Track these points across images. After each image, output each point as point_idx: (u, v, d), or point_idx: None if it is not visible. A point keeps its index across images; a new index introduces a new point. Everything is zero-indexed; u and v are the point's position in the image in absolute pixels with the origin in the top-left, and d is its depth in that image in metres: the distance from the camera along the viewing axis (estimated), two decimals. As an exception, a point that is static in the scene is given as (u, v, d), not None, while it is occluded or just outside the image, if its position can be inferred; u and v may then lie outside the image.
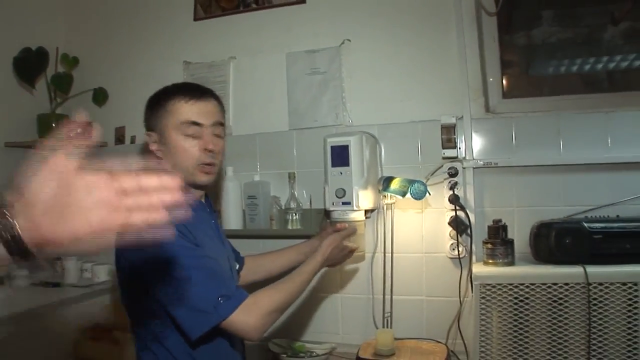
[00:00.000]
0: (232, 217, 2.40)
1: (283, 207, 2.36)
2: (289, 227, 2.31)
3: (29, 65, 2.76)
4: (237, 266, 1.85)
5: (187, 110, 1.50)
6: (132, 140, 2.81)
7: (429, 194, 1.92)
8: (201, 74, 2.60)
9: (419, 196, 1.89)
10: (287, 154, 2.44)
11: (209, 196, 1.72)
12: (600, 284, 1.75)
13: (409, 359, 1.77)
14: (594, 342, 1.75)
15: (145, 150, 1.59)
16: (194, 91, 1.53)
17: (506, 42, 2.27)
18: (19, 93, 2.85)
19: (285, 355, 2.18)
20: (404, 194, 1.90)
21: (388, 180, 2.07)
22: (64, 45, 2.93)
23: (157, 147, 1.52)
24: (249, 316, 1.36)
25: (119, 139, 2.85)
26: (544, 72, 2.33)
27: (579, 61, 2.25)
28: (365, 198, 2.02)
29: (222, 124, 1.59)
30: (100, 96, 2.87)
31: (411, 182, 1.91)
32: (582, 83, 2.23)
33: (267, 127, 2.49)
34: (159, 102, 1.53)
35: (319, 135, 2.18)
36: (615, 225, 1.85)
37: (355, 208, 2.00)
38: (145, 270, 1.37)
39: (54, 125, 2.81)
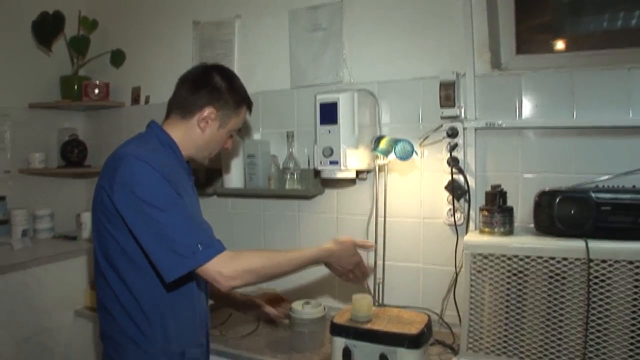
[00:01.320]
0: (233, 176, 2.29)
1: (281, 167, 2.22)
2: (287, 187, 2.17)
3: (46, 28, 2.76)
4: None
5: (245, 120, 1.69)
6: (147, 101, 2.78)
7: (417, 154, 1.72)
8: (209, 33, 2.51)
9: (404, 156, 1.70)
10: (289, 113, 2.30)
11: (189, 162, 1.68)
12: (603, 261, 1.50)
13: (384, 327, 1.60)
14: (592, 323, 1.52)
15: (184, 110, 1.55)
16: (252, 107, 1.69)
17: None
18: (39, 56, 2.87)
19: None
20: (389, 153, 1.71)
21: (378, 139, 1.88)
22: (85, 8, 2.93)
23: (208, 124, 1.56)
24: (224, 267, 1.34)
25: (135, 99, 2.82)
26: (561, 27, 2.03)
27: (602, 16, 1.94)
28: (355, 158, 1.85)
29: None
30: (118, 57, 2.86)
31: (396, 141, 1.71)
32: (601, 39, 1.92)
33: (270, 85, 2.35)
34: (238, 98, 1.60)
35: (314, 96, 2.00)
36: (627, 196, 1.57)
37: (342, 168, 1.83)
38: (129, 212, 1.36)
39: (76, 86, 2.82)
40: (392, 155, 1.74)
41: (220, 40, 2.47)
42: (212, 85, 1.56)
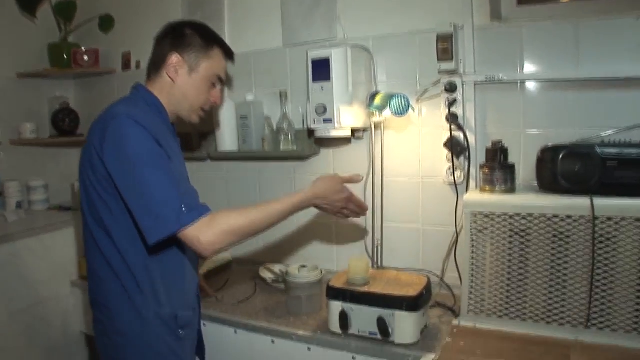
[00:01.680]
0: (227, 139, 2.20)
1: (275, 128, 2.13)
2: (281, 148, 2.08)
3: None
4: None
5: (223, 65, 1.59)
6: (138, 66, 2.67)
7: (413, 109, 1.63)
8: (200, -9, 2.38)
9: (399, 111, 1.61)
10: (281, 73, 2.20)
11: (173, 124, 1.62)
12: (609, 219, 1.43)
13: (382, 289, 1.53)
14: (597, 283, 1.45)
15: (155, 66, 1.52)
16: (231, 52, 1.62)
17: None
18: (25, 24, 2.76)
19: (275, 282, 2.01)
20: (384, 109, 1.62)
21: (373, 95, 1.79)
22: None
23: (177, 72, 1.50)
24: (204, 232, 1.28)
25: (126, 64, 2.72)
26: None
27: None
28: (349, 115, 1.76)
29: None
30: (106, 23, 2.75)
31: (391, 96, 1.62)
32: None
33: (262, 45, 2.24)
34: (205, 41, 1.53)
35: (305, 52, 1.90)
36: (635, 151, 1.46)
37: (337, 126, 1.74)
38: (117, 170, 1.31)
39: (65, 54, 2.72)
40: (387, 112, 1.64)
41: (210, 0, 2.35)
42: (175, 32, 1.53)
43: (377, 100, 1.72)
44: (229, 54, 1.61)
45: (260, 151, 2.14)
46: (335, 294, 1.56)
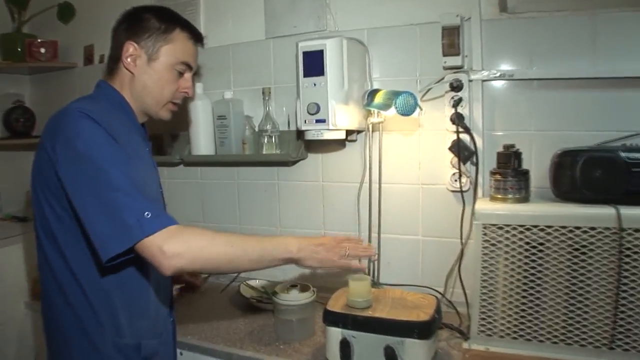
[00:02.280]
0: (202, 141, 1.97)
1: (257, 129, 1.91)
2: (264, 151, 1.87)
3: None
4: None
5: (189, 50, 1.39)
6: (101, 60, 2.42)
7: (420, 109, 1.44)
8: (172, -23, 2.14)
9: (406, 111, 1.42)
10: (264, 68, 1.98)
11: (145, 125, 1.45)
12: (637, 230, 1.29)
13: (388, 313, 1.34)
14: (622, 301, 1.32)
15: (113, 59, 1.36)
16: (197, 34, 1.42)
17: None
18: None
19: (259, 301, 1.79)
20: (388, 108, 1.43)
21: (373, 93, 1.59)
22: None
23: (134, 62, 1.33)
24: (169, 241, 1.07)
25: (88, 58, 2.47)
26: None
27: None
28: (345, 115, 1.56)
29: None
30: (66, 12, 2.49)
31: (397, 93, 1.43)
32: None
33: (242, 37, 2.02)
34: (163, 24, 1.35)
35: (296, 44, 1.68)
36: (662, 156, 1.35)
37: (331, 127, 1.54)
38: (68, 172, 1.13)
39: (19, 47, 2.45)
40: (390, 111, 1.45)
41: (185, -14, 2.11)
42: (130, 18, 1.36)
43: (379, 99, 1.52)
44: (195, 36, 1.41)
45: (241, 155, 1.93)
46: (334, 319, 1.36)
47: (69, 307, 1.21)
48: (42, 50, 2.44)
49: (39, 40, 2.45)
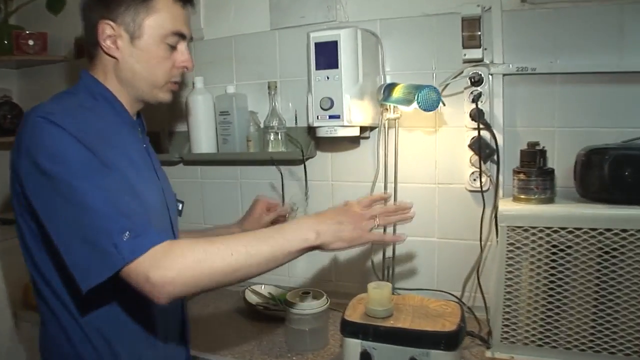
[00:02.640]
0: (202, 139, 1.88)
1: (262, 125, 1.82)
2: (270, 149, 1.78)
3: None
4: (180, 205, 1.36)
5: (178, 15, 1.16)
6: (93, 53, 2.28)
7: (443, 104, 1.37)
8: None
9: (429, 106, 1.34)
10: (269, 60, 1.88)
11: (141, 115, 1.27)
12: None
13: (411, 323, 1.25)
14: None
15: (90, 43, 1.14)
16: None
17: None
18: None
19: (266, 309, 1.70)
20: (409, 103, 1.35)
21: (390, 87, 1.51)
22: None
23: (115, 45, 1.12)
24: (156, 266, 0.91)
25: (79, 51, 2.34)
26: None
27: None
28: (359, 111, 1.49)
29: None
30: (55, 2, 2.35)
31: (419, 88, 1.35)
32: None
33: (245, 27, 1.91)
34: None
35: (307, 35, 1.59)
36: (697, 153, 1.29)
37: (346, 123, 1.46)
38: (33, 190, 0.98)
39: (5, 40, 2.34)
40: (411, 106, 1.36)
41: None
42: None
43: (398, 93, 1.44)
44: None
45: (245, 153, 1.83)
46: (353, 330, 1.26)
47: (58, 327, 1.08)
48: (31, 42, 2.32)
49: (27, 32, 2.33)
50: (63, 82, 2.41)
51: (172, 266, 0.91)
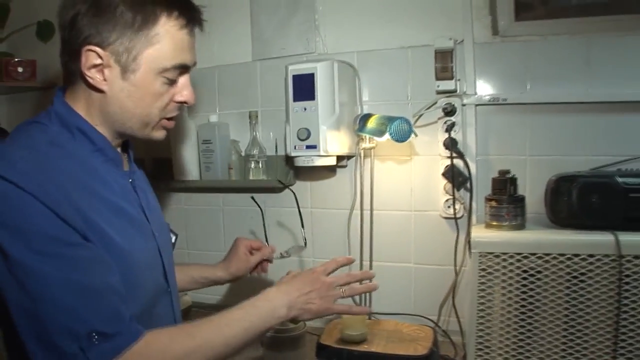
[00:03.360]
0: (186, 166, 1.92)
1: (243, 154, 1.87)
2: (251, 176, 1.83)
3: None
4: (174, 238, 1.32)
5: (183, 44, 0.99)
6: (82, 81, 2.33)
7: (415, 135, 1.42)
8: (156, -4, 2.06)
9: (400, 137, 1.40)
10: (251, 91, 1.93)
11: (129, 143, 1.14)
12: (637, 257, 1.28)
13: (385, 347, 1.30)
14: (623, 329, 1.29)
15: (68, 66, 0.99)
16: (192, 14, 1.00)
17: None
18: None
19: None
20: (382, 134, 1.40)
21: (365, 118, 1.56)
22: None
23: (102, 76, 0.95)
24: None
25: (68, 79, 2.37)
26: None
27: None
28: (336, 141, 1.54)
29: None
30: (45, 30, 2.38)
31: (391, 119, 1.40)
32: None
33: (228, 58, 1.97)
34: (139, 13, 0.93)
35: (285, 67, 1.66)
36: (660, 182, 1.35)
37: (322, 153, 1.51)
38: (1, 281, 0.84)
39: (-5, 66, 2.37)
40: (384, 137, 1.42)
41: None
42: (78, 11, 0.93)
43: (372, 124, 1.49)
44: (188, 18, 1.00)
45: (227, 180, 1.87)
46: (329, 354, 1.32)
47: None
48: (20, 69, 2.36)
49: (17, 60, 2.37)
50: (50, 108, 2.44)
51: None
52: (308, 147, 1.52)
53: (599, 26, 1.54)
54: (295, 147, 1.55)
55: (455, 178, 1.60)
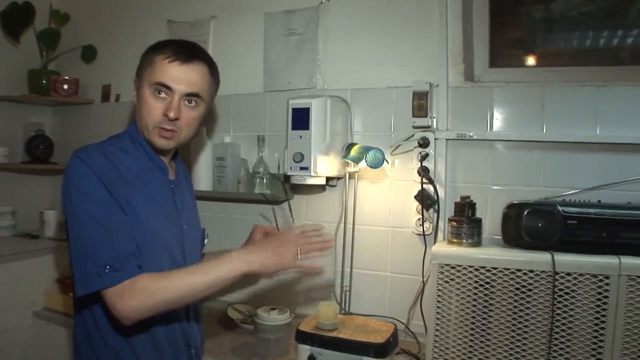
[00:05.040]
0: (202, 178, 2.22)
1: (251, 171, 2.17)
2: (256, 190, 2.12)
3: (15, 19, 2.64)
4: (205, 240, 1.69)
5: (165, 70, 1.34)
6: (117, 99, 2.70)
7: (387, 162, 1.71)
8: (183, 33, 2.40)
9: (374, 164, 1.68)
10: (260, 117, 2.25)
11: (178, 157, 1.56)
12: (568, 274, 1.49)
13: (350, 335, 1.57)
14: (555, 335, 1.50)
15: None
16: (182, 53, 1.36)
17: (497, 8, 1.97)
18: (7, 48, 2.74)
19: (243, 322, 2.02)
20: (359, 161, 1.69)
21: (349, 147, 1.86)
22: (56, 1, 2.81)
23: (134, 95, 1.42)
24: (123, 298, 1.19)
25: (105, 96, 2.74)
26: (533, 43, 2.03)
27: (573, 35, 1.96)
28: (325, 164, 1.82)
29: (198, 96, 1.39)
30: (89, 53, 2.76)
31: (368, 149, 1.69)
32: (573, 56, 1.93)
33: (243, 88, 2.29)
34: (148, 52, 1.40)
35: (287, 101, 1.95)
36: (593, 210, 1.56)
37: (313, 174, 1.80)
38: (66, 215, 1.28)
39: (44, 81, 2.72)
40: (362, 163, 1.71)
41: (195, 40, 2.28)
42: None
43: (354, 152, 1.78)
44: (170, 54, 1.35)
45: (235, 192, 2.17)
46: (304, 337, 1.59)
47: (84, 329, 1.34)
48: (65, 86, 2.69)
49: (63, 77, 2.70)
50: (88, 120, 2.77)
51: (132, 297, 1.19)
52: (302, 168, 1.81)
53: (555, 76, 1.82)
54: (291, 168, 1.84)
55: (425, 201, 1.87)
